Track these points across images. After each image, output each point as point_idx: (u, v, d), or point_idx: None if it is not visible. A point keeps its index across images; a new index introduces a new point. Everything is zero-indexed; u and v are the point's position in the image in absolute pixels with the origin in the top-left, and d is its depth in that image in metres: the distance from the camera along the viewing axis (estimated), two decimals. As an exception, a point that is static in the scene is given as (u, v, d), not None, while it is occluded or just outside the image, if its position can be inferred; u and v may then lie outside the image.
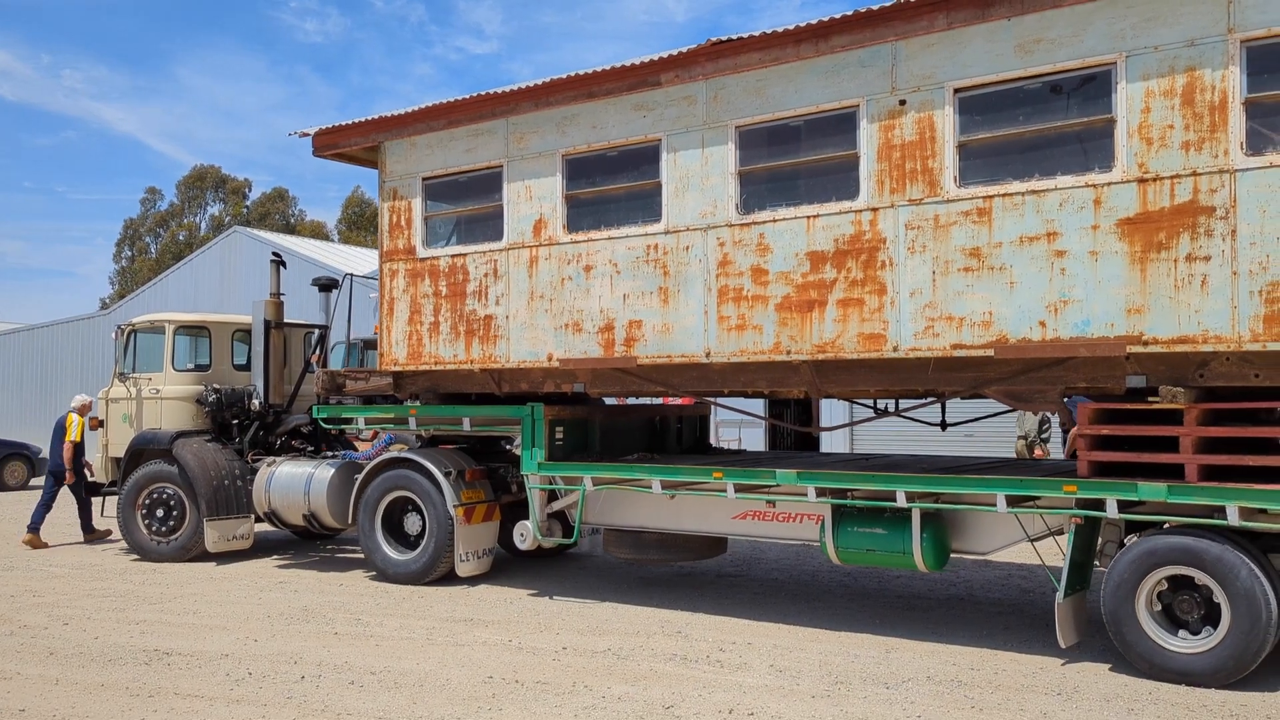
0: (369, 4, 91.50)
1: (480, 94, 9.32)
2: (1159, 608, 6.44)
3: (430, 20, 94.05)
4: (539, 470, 9.22)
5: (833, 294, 7.55)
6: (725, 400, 9.85)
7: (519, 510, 10.18)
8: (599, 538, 10.59)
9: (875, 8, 7.26)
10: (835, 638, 7.62)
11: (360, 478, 10.31)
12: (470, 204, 9.77)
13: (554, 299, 8.97)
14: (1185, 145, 6.29)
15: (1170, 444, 6.41)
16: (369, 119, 10.12)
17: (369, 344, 16.28)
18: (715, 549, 9.56)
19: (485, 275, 9.43)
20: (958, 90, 7.06)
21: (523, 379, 9.43)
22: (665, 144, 8.36)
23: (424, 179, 9.89)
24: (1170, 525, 6.47)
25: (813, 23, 7.53)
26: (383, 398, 10.76)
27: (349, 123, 10.32)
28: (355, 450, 13.57)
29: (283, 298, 12.52)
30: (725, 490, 8.14)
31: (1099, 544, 6.98)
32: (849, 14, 7.38)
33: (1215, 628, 6.20)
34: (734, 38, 7.88)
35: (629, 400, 11.03)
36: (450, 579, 9.91)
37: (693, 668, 6.82)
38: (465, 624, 8.18)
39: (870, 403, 9.69)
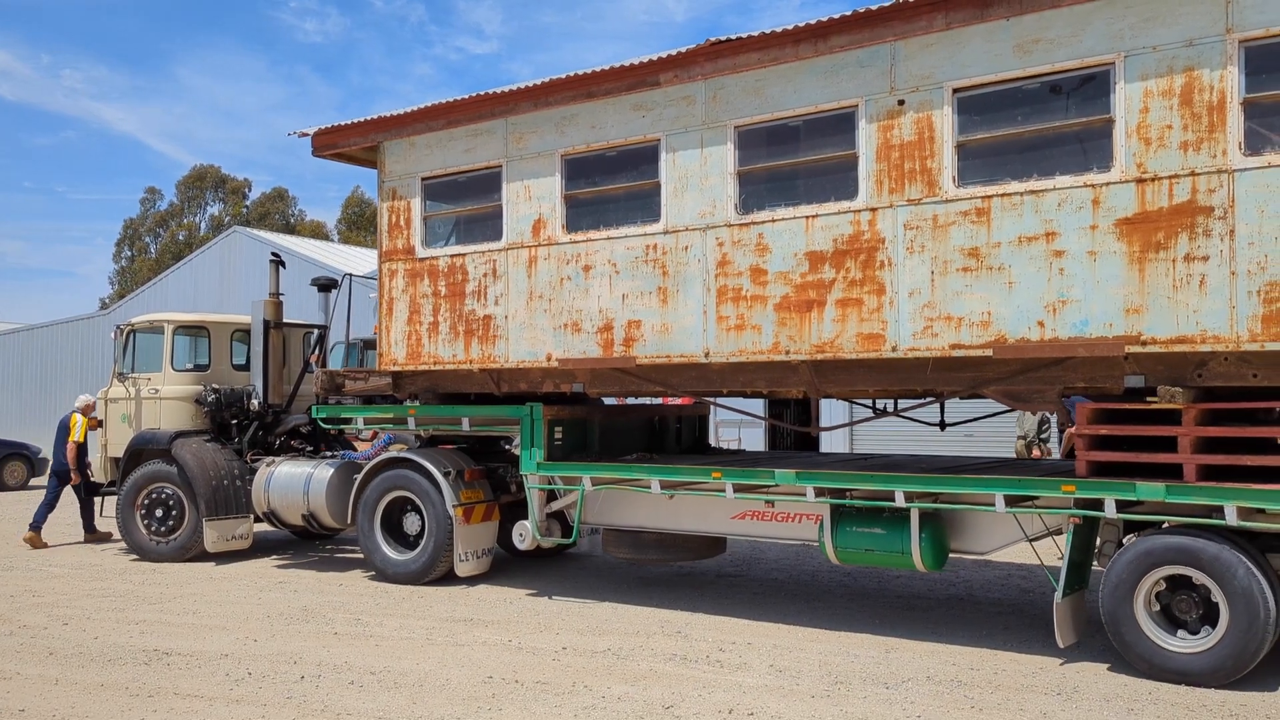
0: (369, 4, 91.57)
1: (479, 94, 9.33)
2: (1157, 607, 6.44)
3: (430, 20, 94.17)
4: (538, 470, 9.22)
5: (831, 294, 7.55)
6: (724, 400, 9.86)
7: (518, 510, 10.18)
8: (598, 538, 10.59)
9: (874, 8, 7.26)
10: (835, 638, 7.62)
11: (359, 478, 10.31)
12: (469, 204, 9.77)
13: (553, 299, 8.97)
14: (1184, 145, 6.30)
15: (1169, 444, 6.42)
16: (368, 119, 10.13)
17: (368, 344, 16.29)
18: (714, 549, 9.56)
19: (484, 275, 9.43)
20: (956, 90, 7.07)
21: (522, 379, 9.43)
22: (664, 144, 8.36)
23: (423, 179, 9.89)
24: (1168, 525, 6.48)
25: (811, 23, 7.53)
26: (382, 398, 10.76)
27: (348, 123, 10.32)
28: (354, 450, 13.56)
29: (282, 298, 12.52)
30: (724, 490, 8.15)
31: (1097, 544, 6.99)
32: (848, 14, 7.38)
33: (1214, 627, 6.21)
34: (733, 38, 7.88)
35: (628, 400, 11.04)
36: (449, 579, 9.92)
37: (692, 668, 6.83)
38: (465, 624, 8.18)
39: (869, 403, 9.69)
